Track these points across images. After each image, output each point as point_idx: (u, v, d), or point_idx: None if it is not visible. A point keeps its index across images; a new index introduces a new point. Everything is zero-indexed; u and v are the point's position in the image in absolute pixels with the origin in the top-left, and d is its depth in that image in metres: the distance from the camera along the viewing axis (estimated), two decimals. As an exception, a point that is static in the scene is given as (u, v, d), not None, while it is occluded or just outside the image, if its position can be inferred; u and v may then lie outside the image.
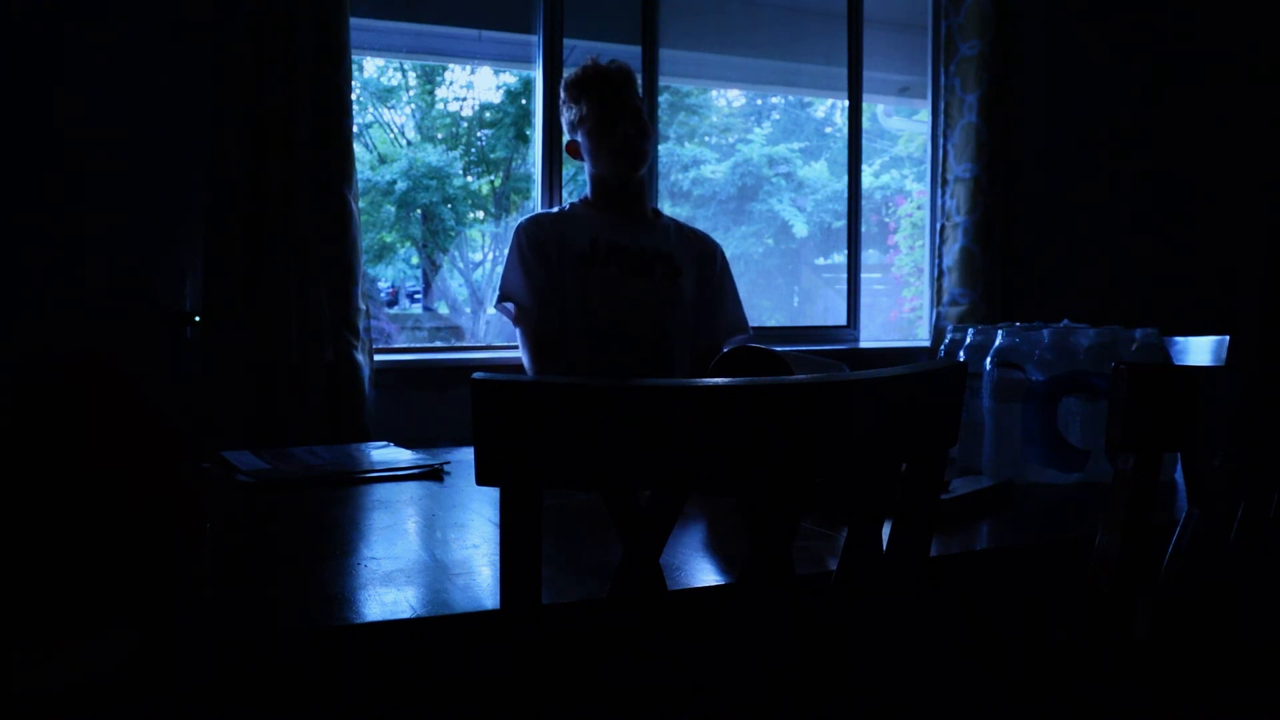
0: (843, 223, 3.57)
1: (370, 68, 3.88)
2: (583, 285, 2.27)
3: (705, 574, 1.04)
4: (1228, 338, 2.25)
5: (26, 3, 2.40)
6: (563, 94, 2.38)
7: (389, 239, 4.05)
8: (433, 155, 3.92)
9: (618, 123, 2.30)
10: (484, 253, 4.18)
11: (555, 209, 2.42)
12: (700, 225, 2.64)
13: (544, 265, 2.29)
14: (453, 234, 4.02)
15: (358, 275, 2.58)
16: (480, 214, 4.15)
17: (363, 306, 2.59)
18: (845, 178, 3.52)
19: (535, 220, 2.35)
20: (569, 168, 3.08)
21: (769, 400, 0.72)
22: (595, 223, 2.33)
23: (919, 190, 3.90)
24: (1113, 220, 3.73)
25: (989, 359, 1.55)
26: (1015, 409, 1.52)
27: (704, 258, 2.42)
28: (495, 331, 2.46)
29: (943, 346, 1.74)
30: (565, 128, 2.40)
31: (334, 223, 2.54)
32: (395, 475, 1.54)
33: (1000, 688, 1.19)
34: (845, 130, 3.54)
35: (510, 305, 2.30)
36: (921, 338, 3.66)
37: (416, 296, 4.24)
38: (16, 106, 2.40)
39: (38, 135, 2.41)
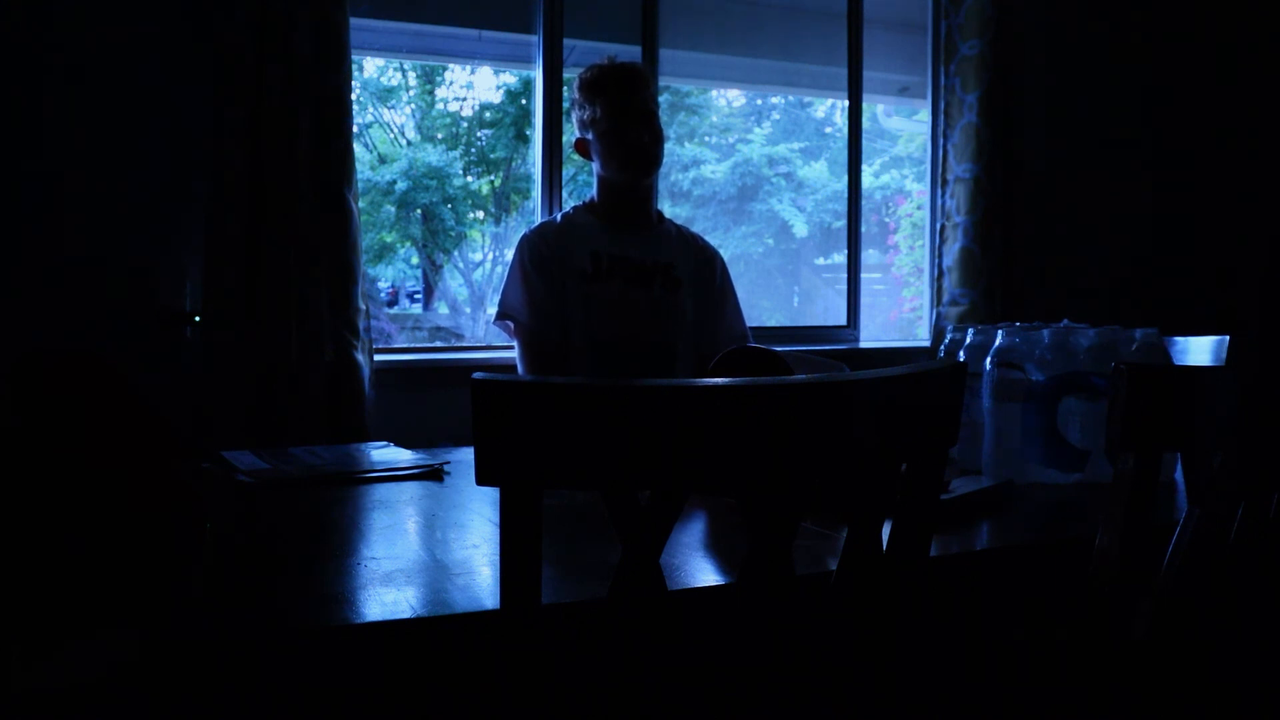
0: (843, 223, 3.57)
1: (370, 68, 3.88)
2: (586, 300, 2.26)
3: (705, 574, 1.04)
4: (1228, 338, 2.25)
5: (26, 2, 2.40)
6: (576, 93, 2.36)
7: (389, 239, 4.05)
8: (433, 155, 3.92)
9: (630, 127, 2.27)
10: (484, 253, 4.18)
11: (559, 216, 2.39)
12: (700, 225, 2.64)
13: (546, 281, 2.28)
14: (453, 234, 4.02)
15: (358, 275, 2.58)
16: (480, 214, 4.15)
17: (363, 306, 2.59)
18: (845, 178, 3.52)
19: (539, 233, 2.33)
20: (569, 167, 3.08)
21: (769, 400, 0.72)
22: (599, 233, 2.32)
23: (919, 190, 3.90)
24: (1113, 220, 3.73)
25: (989, 359, 1.55)
26: (1015, 409, 1.52)
27: (704, 267, 2.41)
28: (495, 331, 2.46)
29: (943, 346, 1.74)
30: (576, 125, 2.38)
31: (334, 223, 2.54)
32: (395, 475, 1.54)
33: (1000, 688, 1.19)
34: (845, 130, 3.54)
35: (509, 322, 2.30)
36: (921, 338, 3.66)
37: (416, 296, 4.24)
38: (16, 106, 2.40)
39: (37, 135, 2.41)
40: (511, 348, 2.41)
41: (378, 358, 2.69)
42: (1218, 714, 1.09)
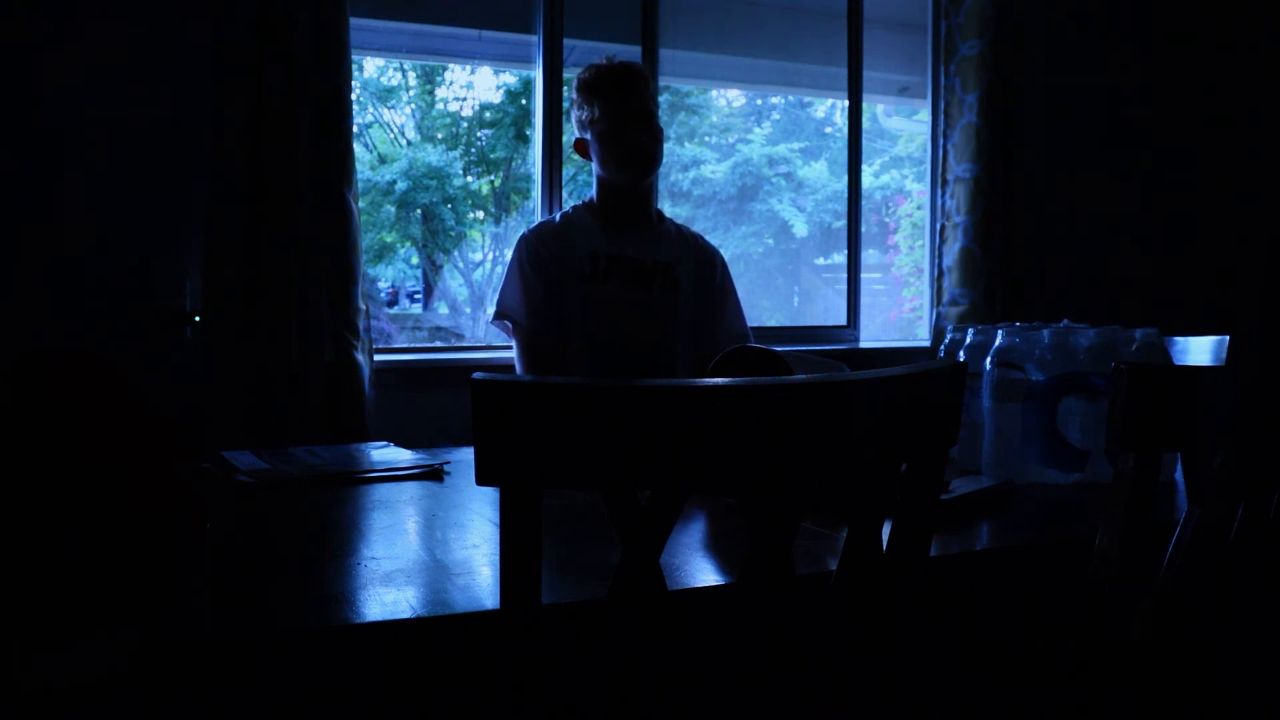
0: (843, 223, 3.57)
1: (370, 68, 3.88)
2: (584, 301, 2.26)
3: (705, 574, 1.04)
4: (1228, 338, 2.25)
5: (26, 1, 2.40)
6: (574, 93, 2.36)
7: (389, 239, 4.05)
8: (433, 155, 3.92)
9: (628, 127, 2.27)
10: (484, 253, 4.18)
11: (558, 216, 2.39)
12: (700, 225, 2.63)
13: (544, 281, 2.28)
14: (453, 234, 4.02)
15: (358, 275, 2.58)
16: (480, 214, 4.15)
17: (363, 306, 2.59)
18: (845, 178, 3.52)
19: (538, 233, 2.33)
20: (569, 167, 3.08)
21: (769, 400, 0.72)
22: (597, 234, 2.32)
23: (919, 190, 3.90)
24: (1113, 220, 3.73)
25: (989, 359, 1.55)
26: (1015, 409, 1.52)
27: (704, 267, 2.41)
28: (495, 331, 2.46)
29: (943, 346, 1.74)
30: (575, 125, 2.38)
31: (334, 223, 2.54)
32: (395, 475, 1.54)
33: (1000, 688, 1.19)
34: (845, 130, 3.54)
35: (507, 323, 2.30)
36: (921, 338, 3.66)
37: (416, 296, 4.24)
38: (16, 107, 2.40)
39: (37, 135, 2.41)
40: (511, 348, 2.41)
41: (378, 358, 2.69)
42: (1218, 714, 1.09)
